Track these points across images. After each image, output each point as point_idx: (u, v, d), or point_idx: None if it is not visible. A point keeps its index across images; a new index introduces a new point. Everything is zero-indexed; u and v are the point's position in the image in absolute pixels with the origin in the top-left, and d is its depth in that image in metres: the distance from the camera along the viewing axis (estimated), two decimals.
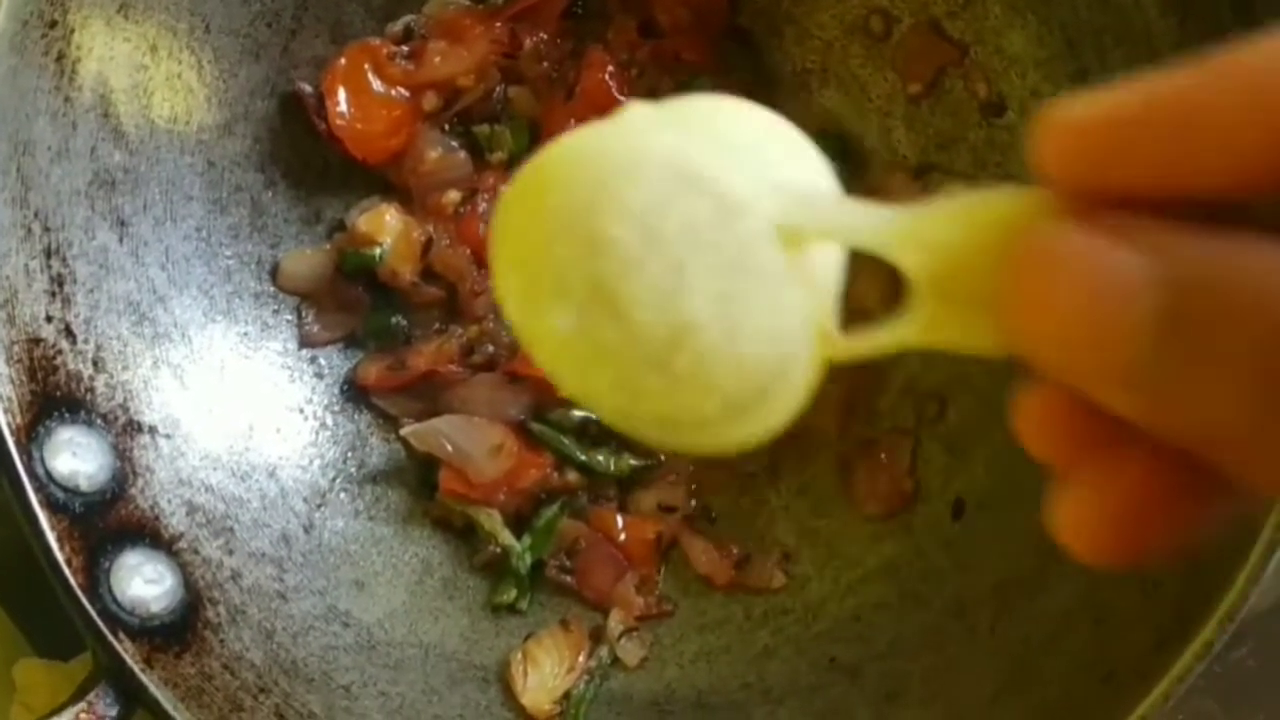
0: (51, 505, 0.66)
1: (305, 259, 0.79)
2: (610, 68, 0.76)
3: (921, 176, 0.76)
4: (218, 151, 0.76)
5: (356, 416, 0.80)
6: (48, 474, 0.66)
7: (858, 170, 0.78)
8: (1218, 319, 0.25)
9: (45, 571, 0.66)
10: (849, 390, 0.76)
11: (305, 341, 0.79)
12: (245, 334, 0.78)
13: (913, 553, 0.74)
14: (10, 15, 0.65)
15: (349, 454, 0.79)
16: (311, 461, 0.78)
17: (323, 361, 0.80)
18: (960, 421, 0.75)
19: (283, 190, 0.79)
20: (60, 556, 0.65)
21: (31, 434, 0.66)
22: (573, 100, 0.76)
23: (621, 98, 0.76)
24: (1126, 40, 0.64)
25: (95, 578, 0.66)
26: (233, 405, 0.76)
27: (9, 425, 0.65)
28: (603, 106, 0.75)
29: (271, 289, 0.79)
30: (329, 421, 0.80)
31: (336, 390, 0.80)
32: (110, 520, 0.68)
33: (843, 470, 0.77)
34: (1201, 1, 0.58)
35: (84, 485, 0.67)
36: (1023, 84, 0.72)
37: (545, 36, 0.77)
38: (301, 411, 0.79)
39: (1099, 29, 0.66)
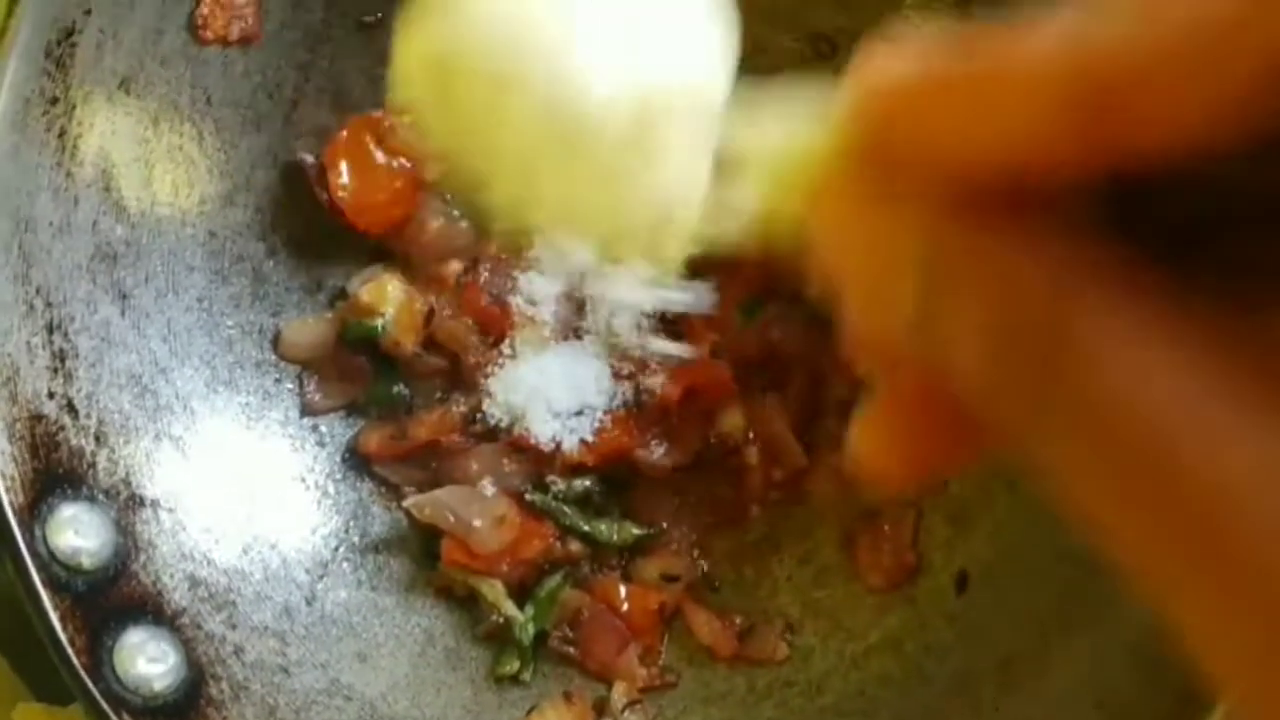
0: (54, 584, 0.66)
1: (307, 328, 0.79)
2: None
3: None
4: (219, 222, 0.76)
5: (358, 485, 0.80)
6: (50, 553, 0.66)
7: None
8: (960, 288, 0.28)
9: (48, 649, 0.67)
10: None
11: (307, 410, 0.79)
12: (247, 404, 0.78)
13: (917, 626, 0.73)
14: (12, 93, 0.66)
15: (351, 523, 0.79)
16: (314, 531, 0.78)
17: (324, 430, 0.80)
18: (962, 493, 0.75)
19: (284, 259, 0.79)
20: (64, 636, 0.65)
21: (34, 512, 0.66)
22: None
23: None
24: None
25: (99, 657, 0.66)
26: (235, 476, 0.76)
27: (11, 505, 0.65)
28: None
29: (273, 358, 0.79)
30: (331, 490, 0.79)
31: (338, 459, 0.80)
32: (113, 597, 0.68)
33: (845, 541, 0.77)
34: None
35: (86, 563, 0.67)
36: None
37: None
38: (303, 481, 0.79)
39: None
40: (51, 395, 0.68)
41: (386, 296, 0.77)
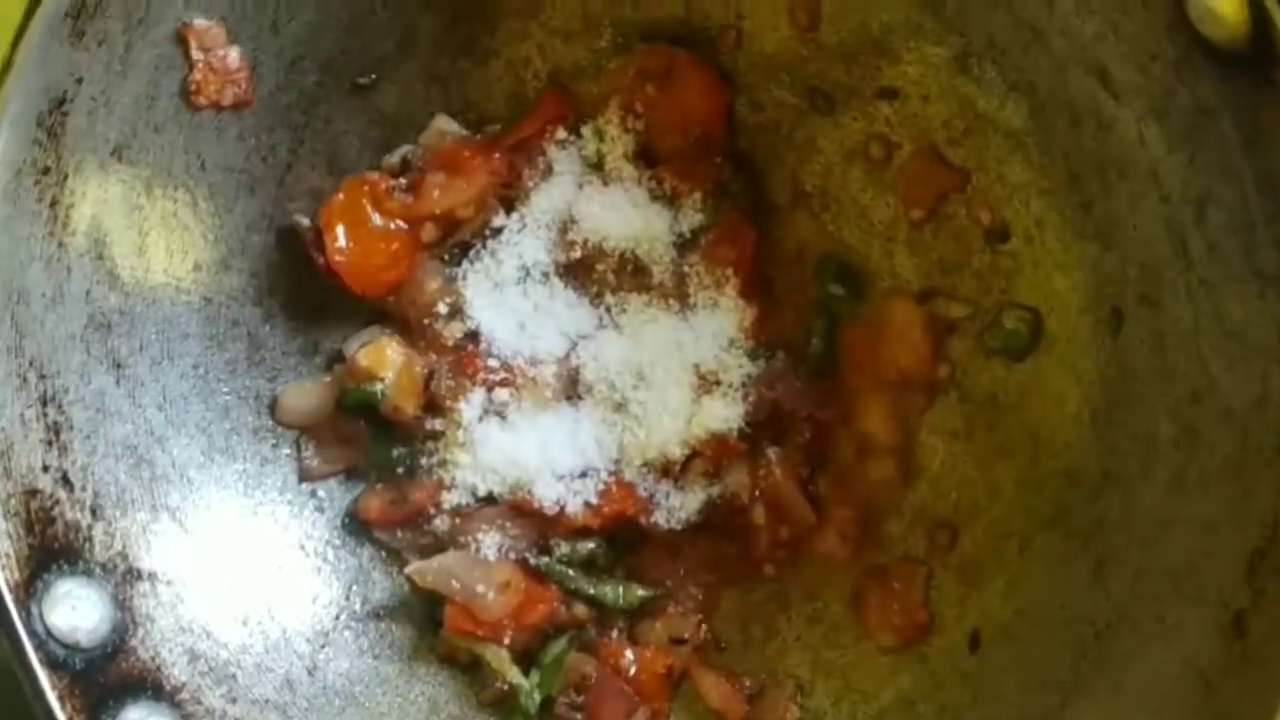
0: (52, 663, 0.64)
1: (304, 392, 0.78)
2: None
3: (925, 301, 0.76)
4: (214, 288, 0.75)
5: (358, 551, 0.79)
6: (47, 630, 0.65)
7: (860, 294, 0.77)
8: None
9: None
10: (859, 514, 0.76)
11: (305, 475, 0.78)
12: (244, 471, 0.77)
13: (930, 686, 0.72)
14: (4, 163, 0.64)
15: (352, 590, 0.78)
16: (314, 600, 0.76)
17: (323, 495, 0.79)
18: (974, 551, 0.74)
19: (280, 323, 0.78)
20: (62, 716, 0.64)
21: (30, 589, 0.65)
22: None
23: None
24: (1131, 175, 0.64)
25: None
26: (233, 545, 0.75)
27: (7, 582, 0.64)
28: None
29: (270, 424, 0.78)
30: (330, 557, 0.78)
31: (337, 524, 0.79)
32: (111, 674, 0.66)
33: (855, 599, 0.76)
34: (1210, 139, 0.58)
35: (84, 640, 0.66)
36: (1027, 212, 0.72)
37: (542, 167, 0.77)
38: (302, 548, 0.77)
39: (1102, 162, 0.65)
40: (46, 469, 0.67)
41: (385, 360, 0.76)
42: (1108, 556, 0.66)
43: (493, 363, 0.76)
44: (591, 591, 0.76)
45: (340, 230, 0.75)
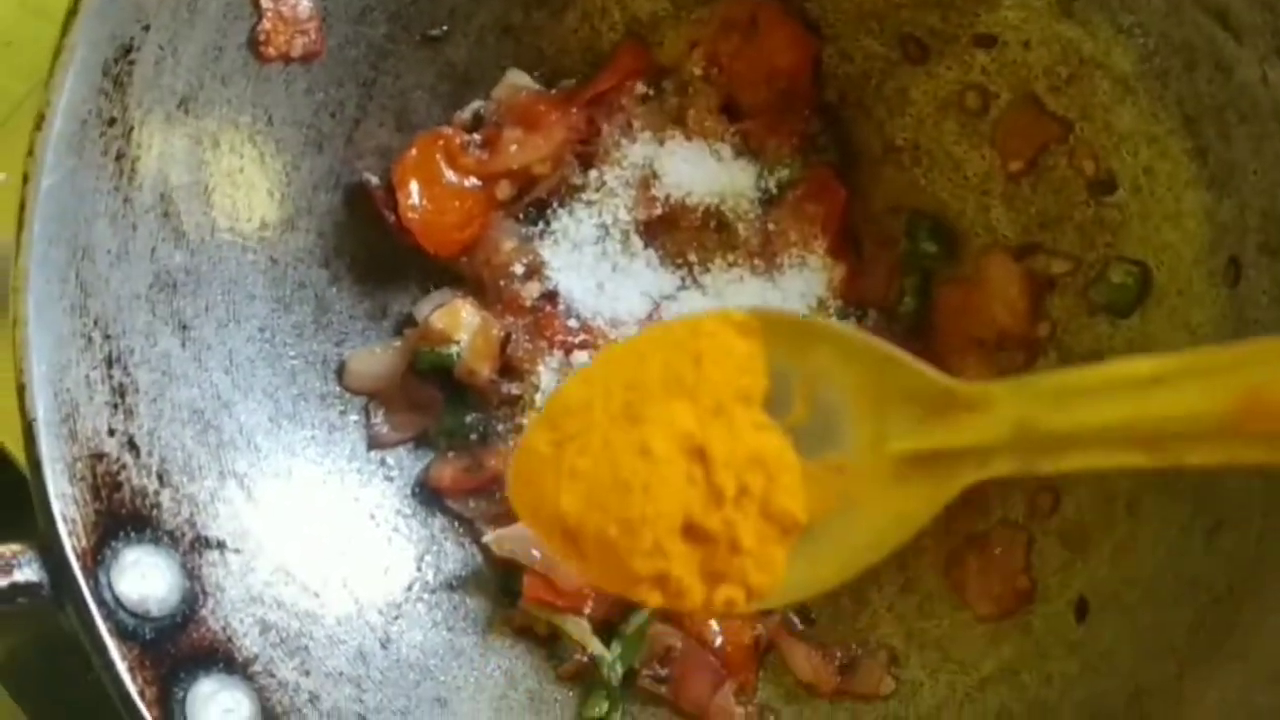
0: (121, 633, 0.62)
1: (373, 358, 0.75)
2: None
3: (1023, 257, 0.73)
4: (281, 248, 0.73)
5: (430, 521, 0.77)
6: (116, 599, 0.62)
7: (954, 251, 0.75)
8: None
9: (115, 703, 0.63)
10: None
11: (374, 443, 0.76)
12: (312, 438, 0.74)
13: (1035, 656, 0.69)
14: (68, 114, 0.62)
15: (424, 561, 0.75)
16: (385, 571, 0.74)
17: (391, 462, 0.77)
18: (1077, 515, 0.71)
19: (348, 285, 0.76)
20: (133, 689, 0.61)
21: (98, 557, 0.62)
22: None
23: None
24: (1253, 119, 0.61)
25: (170, 709, 0.62)
26: (301, 514, 0.72)
27: (75, 549, 0.61)
28: None
29: (337, 389, 0.76)
30: (401, 527, 0.76)
31: (408, 493, 0.76)
32: (182, 645, 0.64)
33: (950, 567, 0.73)
34: None
35: (154, 610, 0.63)
36: (1135, 161, 0.69)
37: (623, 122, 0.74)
38: (373, 517, 0.75)
39: (1220, 106, 0.62)
40: (112, 432, 0.64)
41: (461, 322, 0.73)
42: (1225, 519, 0.63)
43: (571, 324, 0.74)
44: None
45: (413, 187, 0.73)
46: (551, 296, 0.75)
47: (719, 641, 0.73)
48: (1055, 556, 0.71)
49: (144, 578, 0.63)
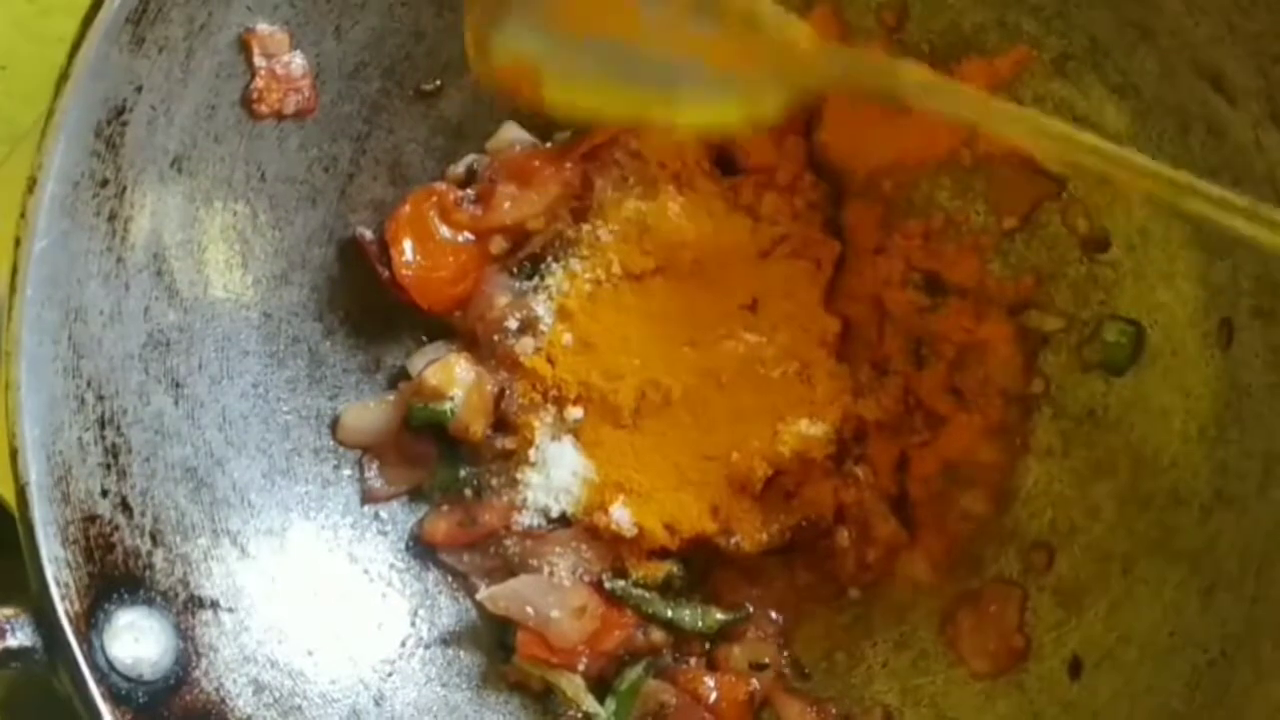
0: (115, 698, 0.61)
1: (367, 412, 0.75)
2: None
3: (1017, 314, 0.73)
4: (274, 303, 0.73)
5: (424, 575, 0.76)
6: (109, 663, 0.62)
7: (948, 306, 0.74)
8: None
9: None
10: (949, 541, 0.73)
11: (368, 497, 0.75)
12: (306, 493, 0.74)
13: (1029, 714, 0.69)
14: (61, 176, 0.62)
15: (418, 616, 0.75)
16: (379, 626, 0.73)
17: (385, 517, 0.76)
18: (1072, 573, 0.71)
19: (341, 339, 0.76)
20: None
21: (91, 621, 0.62)
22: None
23: None
24: (1245, 182, 0.61)
25: None
26: (295, 571, 0.72)
27: (68, 614, 0.61)
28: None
29: (331, 444, 0.75)
30: (395, 582, 0.75)
31: (401, 548, 0.76)
32: (175, 708, 0.64)
33: (945, 624, 0.73)
34: None
35: (147, 673, 0.63)
36: (1129, 220, 0.69)
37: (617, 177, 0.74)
38: (367, 573, 0.75)
39: (1213, 168, 0.62)
40: (105, 493, 0.64)
41: (455, 378, 0.73)
42: (1219, 580, 0.63)
43: (566, 379, 0.74)
44: (669, 615, 0.73)
45: (407, 243, 0.73)
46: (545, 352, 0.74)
47: (714, 698, 0.73)
48: (1050, 614, 0.71)
49: (137, 640, 0.63)
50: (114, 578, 0.63)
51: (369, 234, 0.74)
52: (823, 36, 0.64)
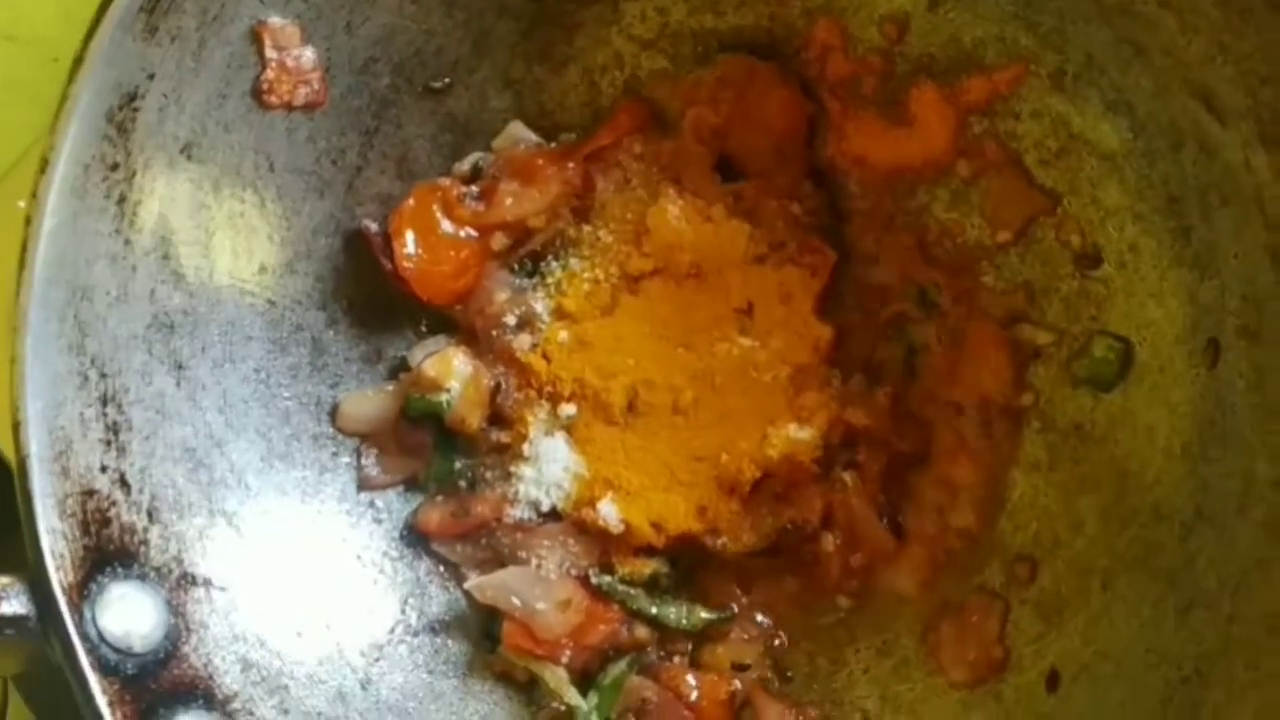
0: (103, 667, 0.63)
1: (366, 400, 0.76)
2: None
3: (1009, 326, 0.73)
4: (279, 291, 0.74)
5: (415, 564, 0.77)
6: (99, 634, 0.63)
7: (941, 316, 0.75)
8: None
9: None
10: (935, 553, 0.73)
11: (364, 485, 0.77)
12: (303, 478, 0.75)
13: None
14: (72, 159, 0.63)
15: (408, 603, 0.76)
16: (369, 612, 0.75)
17: (380, 505, 0.78)
18: (1054, 587, 0.71)
19: (344, 328, 0.77)
20: None
21: (84, 592, 0.63)
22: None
23: None
24: (1234, 201, 0.61)
25: None
26: (288, 553, 0.73)
27: (61, 584, 0.62)
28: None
29: (330, 431, 0.76)
30: (387, 569, 0.76)
31: (395, 536, 0.77)
32: (163, 681, 0.65)
33: (927, 633, 0.74)
34: None
35: (137, 646, 0.64)
36: (1120, 237, 0.69)
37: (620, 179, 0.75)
38: (359, 558, 0.76)
39: (1204, 187, 0.63)
40: (104, 469, 0.66)
41: (452, 370, 0.74)
42: (1197, 598, 0.63)
43: (561, 375, 0.75)
44: (654, 612, 0.74)
45: (409, 236, 0.74)
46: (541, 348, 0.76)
47: (695, 696, 0.74)
48: (1030, 627, 0.72)
49: (128, 613, 0.64)
50: (109, 551, 0.65)
51: (374, 226, 0.75)
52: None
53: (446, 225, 0.75)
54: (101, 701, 0.62)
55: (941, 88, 0.73)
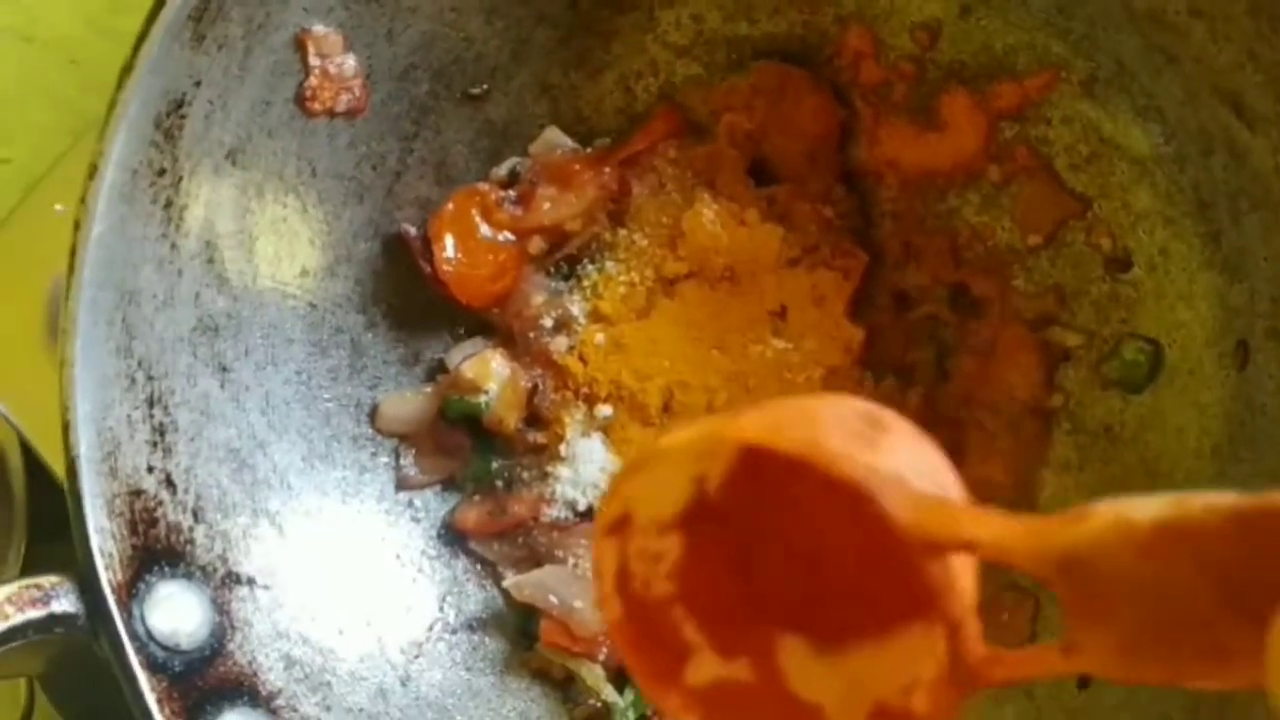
0: (152, 665, 0.64)
1: (405, 402, 0.78)
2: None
3: (1040, 329, 0.74)
4: (320, 294, 0.75)
5: (453, 562, 0.78)
6: (148, 632, 0.64)
7: (972, 319, 0.76)
8: None
9: None
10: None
11: (402, 484, 0.78)
12: (344, 478, 0.76)
13: None
14: (120, 165, 0.65)
15: (446, 601, 0.77)
16: (408, 610, 0.76)
17: (419, 504, 0.79)
18: None
19: (383, 331, 0.78)
20: (160, 719, 0.64)
21: (132, 591, 0.65)
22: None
23: None
24: (1264, 206, 0.62)
25: None
26: (329, 552, 0.74)
27: (110, 583, 0.64)
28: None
29: (370, 431, 0.78)
30: (425, 567, 0.78)
31: (433, 535, 0.78)
32: (209, 678, 0.66)
33: None
34: None
35: (184, 643, 0.66)
36: (1150, 241, 0.70)
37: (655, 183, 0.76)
38: (399, 557, 0.77)
39: (1234, 192, 0.64)
40: (151, 470, 0.67)
41: (490, 372, 0.76)
42: None
43: (597, 377, 0.76)
44: None
45: (449, 240, 0.75)
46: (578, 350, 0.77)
47: None
48: (1060, 623, 0.72)
49: (176, 612, 0.66)
50: (156, 551, 0.66)
51: (413, 230, 0.77)
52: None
53: (485, 229, 0.76)
54: (150, 699, 0.63)
55: (973, 94, 0.74)
